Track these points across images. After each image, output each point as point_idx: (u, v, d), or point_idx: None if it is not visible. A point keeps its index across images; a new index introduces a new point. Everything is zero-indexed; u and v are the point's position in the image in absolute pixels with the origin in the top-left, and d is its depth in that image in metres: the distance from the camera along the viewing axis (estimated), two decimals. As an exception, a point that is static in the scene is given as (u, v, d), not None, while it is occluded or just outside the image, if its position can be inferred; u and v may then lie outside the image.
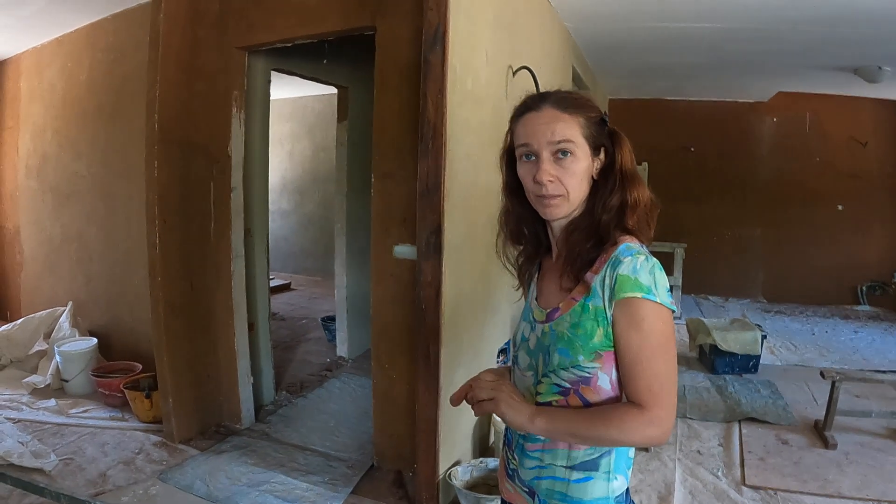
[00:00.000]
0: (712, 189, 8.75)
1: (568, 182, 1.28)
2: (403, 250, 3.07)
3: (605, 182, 1.32)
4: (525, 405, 1.26)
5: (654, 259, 1.24)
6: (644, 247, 1.30)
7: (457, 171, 2.94)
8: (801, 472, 3.60)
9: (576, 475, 1.30)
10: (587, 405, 1.26)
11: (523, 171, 1.33)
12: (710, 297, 8.80)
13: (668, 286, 1.24)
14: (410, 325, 3.08)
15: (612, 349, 1.24)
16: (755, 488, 3.41)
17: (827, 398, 4.08)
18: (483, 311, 3.45)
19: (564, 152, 1.27)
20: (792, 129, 8.49)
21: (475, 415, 1.31)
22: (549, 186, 1.28)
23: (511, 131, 1.37)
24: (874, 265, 8.34)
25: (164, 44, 3.52)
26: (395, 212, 3.16)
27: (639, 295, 1.19)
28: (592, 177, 1.33)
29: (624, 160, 1.33)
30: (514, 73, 3.51)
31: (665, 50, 5.78)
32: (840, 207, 8.37)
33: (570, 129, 1.28)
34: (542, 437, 1.32)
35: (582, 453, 1.29)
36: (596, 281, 1.25)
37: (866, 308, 8.31)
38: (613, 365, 1.25)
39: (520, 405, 1.26)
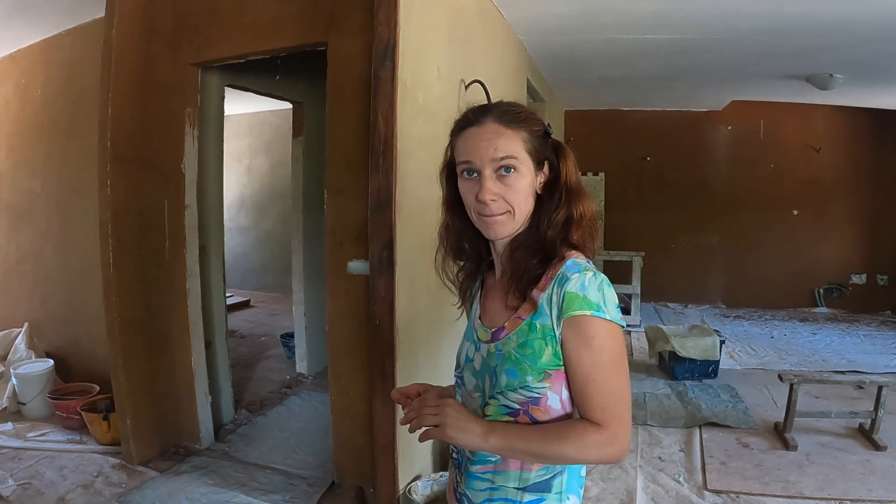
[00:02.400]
0: (669, 198, 8.85)
1: (512, 199, 1.25)
2: (357, 266, 3.06)
3: (550, 197, 1.29)
4: (475, 424, 1.21)
5: (602, 275, 1.22)
6: (590, 262, 1.27)
7: (409, 186, 2.95)
8: (763, 474, 3.65)
9: (528, 497, 1.27)
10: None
11: (465, 188, 1.29)
12: (670, 305, 8.90)
13: (617, 302, 1.23)
14: (366, 341, 3.06)
15: (562, 368, 1.22)
16: (717, 492, 3.45)
17: (786, 400, 4.15)
18: (439, 324, 3.45)
19: (508, 168, 1.24)
20: (746, 137, 8.65)
21: (419, 440, 1.27)
22: (492, 205, 1.24)
23: (452, 146, 1.33)
24: (831, 268, 8.54)
25: (117, 60, 3.49)
26: (348, 227, 3.15)
27: (588, 312, 1.17)
28: (536, 191, 1.30)
29: (569, 174, 1.30)
30: (466, 87, 3.53)
31: (620, 61, 5.84)
32: (796, 212, 8.54)
33: (513, 145, 1.24)
34: (494, 459, 1.29)
35: (534, 474, 1.27)
36: (543, 298, 1.23)
37: (824, 310, 8.48)
38: (563, 384, 1.23)
39: (469, 425, 1.21)
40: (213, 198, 4.11)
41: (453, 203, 1.37)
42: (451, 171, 1.36)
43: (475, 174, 1.26)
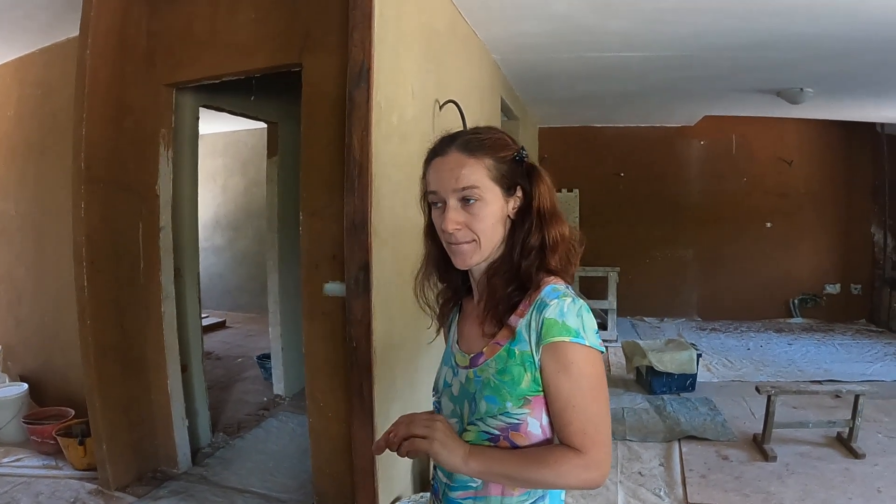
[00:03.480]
0: (644, 212, 8.91)
1: (476, 227, 1.25)
2: (334, 287, 3.04)
3: (523, 222, 1.29)
4: (459, 445, 1.20)
5: (581, 301, 1.22)
6: (569, 288, 1.27)
7: (384, 208, 2.94)
8: (743, 486, 3.67)
9: None
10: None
11: (434, 217, 1.30)
12: (646, 319, 8.95)
13: (596, 327, 1.22)
14: (344, 363, 3.05)
15: (541, 394, 1.21)
16: (698, 505, 3.47)
17: (764, 412, 4.18)
18: (416, 345, 3.43)
19: (470, 198, 1.24)
20: (719, 152, 8.77)
21: (399, 455, 1.22)
22: (456, 234, 1.25)
23: (424, 175, 1.33)
24: (805, 278, 8.66)
25: (91, 80, 3.46)
26: (324, 249, 3.13)
27: (567, 339, 1.17)
28: (510, 217, 1.29)
29: (542, 199, 1.29)
30: (440, 107, 3.55)
31: (592, 79, 5.89)
32: (769, 225, 8.67)
33: (476, 174, 1.24)
34: (475, 485, 1.28)
35: (515, 500, 1.25)
36: (521, 325, 1.22)
37: (799, 320, 8.59)
38: (543, 409, 1.22)
39: (453, 444, 1.19)
40: (188, 219, 4.08)
41: (430, 231, 1.38)
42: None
43: (441, 204, 1.27)
